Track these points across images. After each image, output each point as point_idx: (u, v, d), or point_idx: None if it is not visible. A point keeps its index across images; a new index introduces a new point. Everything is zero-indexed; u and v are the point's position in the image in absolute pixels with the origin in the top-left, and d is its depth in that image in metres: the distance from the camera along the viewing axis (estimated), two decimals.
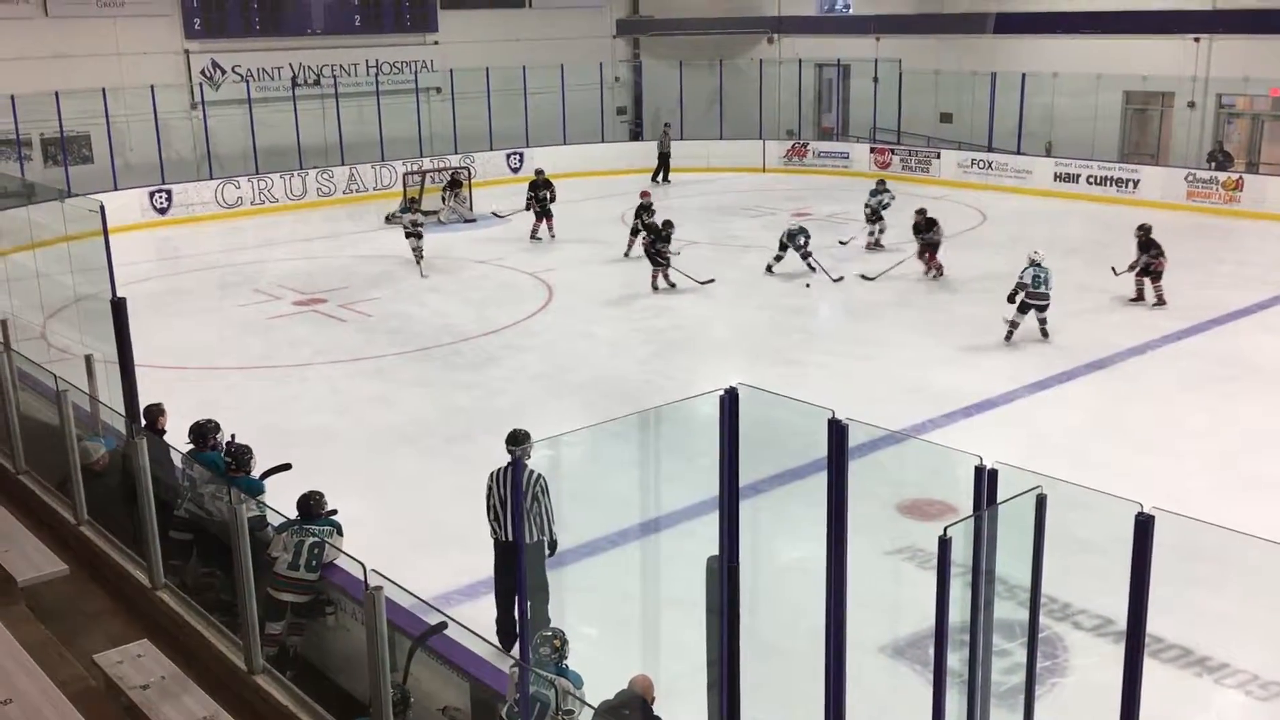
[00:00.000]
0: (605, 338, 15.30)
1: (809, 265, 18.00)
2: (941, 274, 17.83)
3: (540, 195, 21.81)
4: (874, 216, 19.95)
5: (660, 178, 27.37)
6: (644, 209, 19.35)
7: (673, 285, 17.53)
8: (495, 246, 21.22)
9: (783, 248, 18.16)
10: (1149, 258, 16.22)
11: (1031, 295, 14.49)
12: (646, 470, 7.65)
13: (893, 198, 20.12)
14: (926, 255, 17.89)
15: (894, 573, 8.55)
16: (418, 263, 18.97)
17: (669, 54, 31.89)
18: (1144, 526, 3.75)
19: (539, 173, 22.67)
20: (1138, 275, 16.38)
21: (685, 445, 8.87)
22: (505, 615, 7.71)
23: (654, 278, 17.57)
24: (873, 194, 20.21)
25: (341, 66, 27.87)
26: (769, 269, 18.27)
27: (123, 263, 10.15)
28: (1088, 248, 20.09)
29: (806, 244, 17.98)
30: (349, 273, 19.06)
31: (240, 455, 7.86)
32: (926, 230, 17.77)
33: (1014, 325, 14.62)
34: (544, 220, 21.71)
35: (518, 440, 7.66)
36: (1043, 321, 14.64)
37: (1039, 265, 14.58)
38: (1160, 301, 16.11)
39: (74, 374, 9.12)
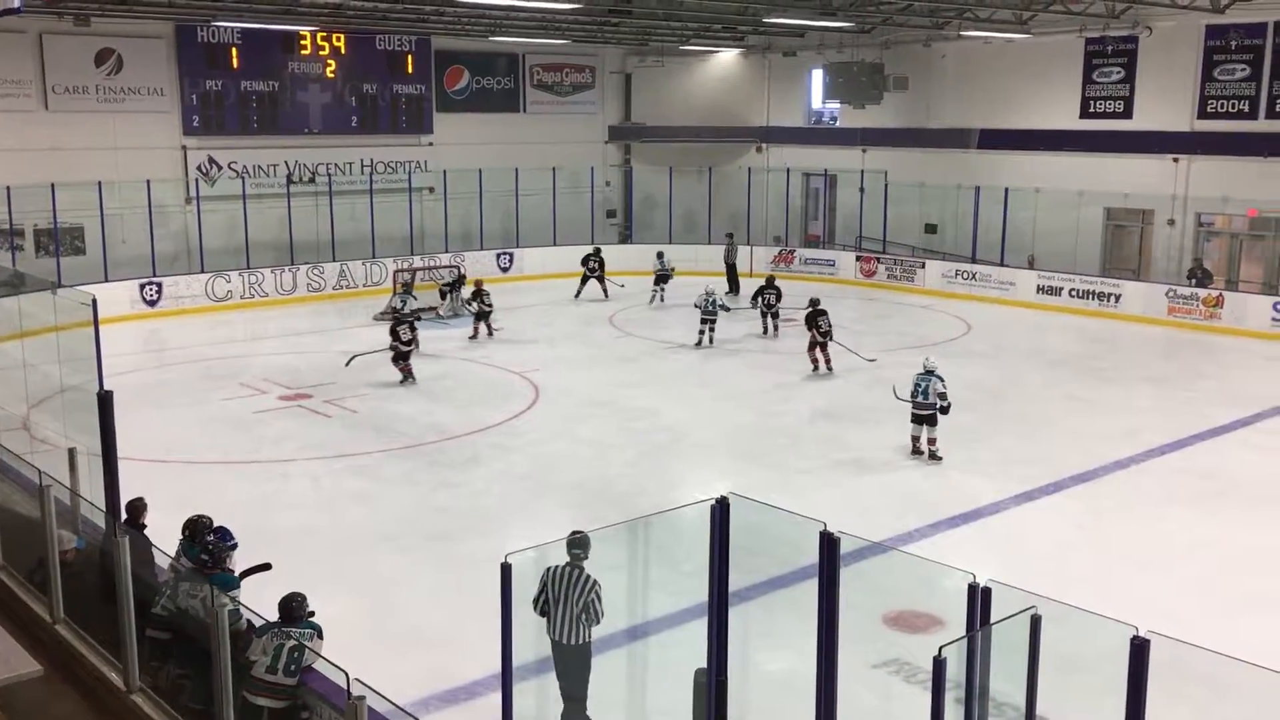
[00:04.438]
0: (591, 439, 15.27)
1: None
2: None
3: (590, 267, 26.13)
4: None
5: (732, 289, 26.71)
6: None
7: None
8: (482, 345, 21.30)
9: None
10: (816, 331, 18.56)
11: (916, 406, 14.07)
12: (633, 576, 7.58)
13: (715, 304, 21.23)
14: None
15: (882, 686, 8.43)
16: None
17: (659, 160, 32.46)
18: (1140, 651, 3.73)
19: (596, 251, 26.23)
20: (809, 349, 18.69)
21: (672, 551, 8.82)
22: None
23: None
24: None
25: (336, 165, 28.25)
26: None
27: (110, 354, 10.14)
28: (1074, 360, 20.29)
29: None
30: (336, 369, 19.05)
31: (216, 552, 7.75)
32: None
33: (914, 439, 14.19)
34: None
35: (580, 545, 7.51)
36: (931, 441, 14.04)
37: (925, 374, 14.09)
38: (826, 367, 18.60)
39: (55, 466, 9.04)
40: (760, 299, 22.11)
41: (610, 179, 33.46)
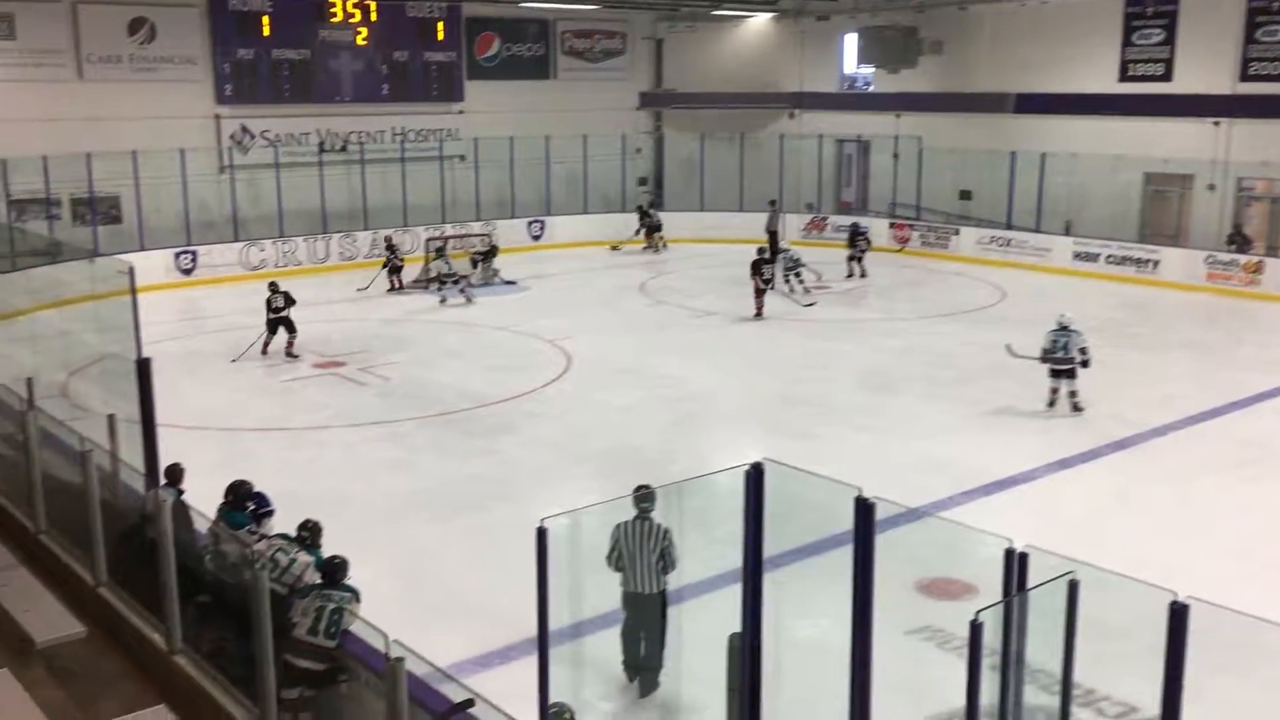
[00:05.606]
0: (622, 406, 15.29)
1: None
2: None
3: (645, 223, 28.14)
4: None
5: (773, 257, 26.95)
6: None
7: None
8: (514, 313, 21.35)
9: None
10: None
11: (1048, 360, 14.70)
12: None
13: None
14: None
15: (915, 653, 8.43)
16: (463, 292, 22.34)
17: (691, 127, 32.27)
18: (1179, 616, 3.71)
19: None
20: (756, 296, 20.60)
21: (704, 517, 8.82)
22: (629, 653, 8.02)
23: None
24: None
25: (368, 133, 28.30)
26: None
27: (145, 322, 10.20)
28: (1110, 326, 20.06)
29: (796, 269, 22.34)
30: (369, 336, 19.16)
31: (316, 531, 8.08)
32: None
33: (1053, 392, 14.76)
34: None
35: (648, 499, 7.90)
36: (1072, 394, 14.67)
37: (1061, 330, 14.75)
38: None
39: (95, 432, 9.16)
40: (853, 245, 24.83)
41: (641, 146, 33.30)
